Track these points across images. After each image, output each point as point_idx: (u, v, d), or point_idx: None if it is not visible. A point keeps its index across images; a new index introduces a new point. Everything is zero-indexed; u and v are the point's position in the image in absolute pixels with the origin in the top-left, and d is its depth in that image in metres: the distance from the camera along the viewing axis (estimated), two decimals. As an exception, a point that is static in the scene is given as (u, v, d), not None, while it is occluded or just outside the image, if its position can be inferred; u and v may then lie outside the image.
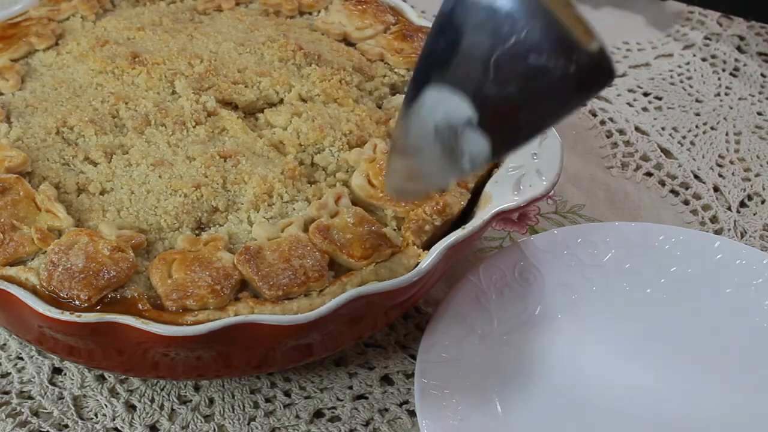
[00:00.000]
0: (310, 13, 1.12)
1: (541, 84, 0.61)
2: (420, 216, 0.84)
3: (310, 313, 0.75)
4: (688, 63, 1.37)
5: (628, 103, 1.28)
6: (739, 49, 1.40)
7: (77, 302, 0.74)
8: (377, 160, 0.88)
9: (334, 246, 0.80)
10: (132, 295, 0.76)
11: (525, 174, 0.87)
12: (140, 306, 0.75)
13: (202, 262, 0.77)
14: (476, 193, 0.88)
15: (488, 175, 0.89)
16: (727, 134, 1.24)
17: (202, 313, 0.75)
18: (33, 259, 0.78)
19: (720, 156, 1.21)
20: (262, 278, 0.77)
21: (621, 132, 1.23)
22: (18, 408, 0.87)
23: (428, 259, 0.80)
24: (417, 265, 0.80)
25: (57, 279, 0.75)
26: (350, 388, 0.90)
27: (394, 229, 0.84)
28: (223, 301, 0.75)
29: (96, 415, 0.87)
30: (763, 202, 1.14)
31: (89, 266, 0.75)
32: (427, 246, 0.83)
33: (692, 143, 1.22)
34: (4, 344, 0.92)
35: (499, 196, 0.86)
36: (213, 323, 0.72)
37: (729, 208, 1.13)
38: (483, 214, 0.84)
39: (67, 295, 0.75)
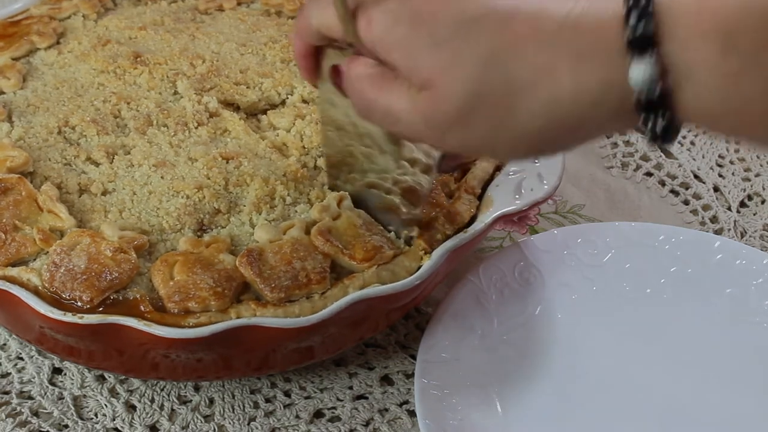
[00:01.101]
0: (312, 13, 1.12)
1: None
2: (432, 225, 0.84)
3: (312, 315, 0.75)
4: (688, 63, 1.36)
5: (629, 103, 1.28)
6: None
7: (79, 303, 0.74)
8: None
9: (335, 248, 0.80)
10: (134, 297, 0.76)
11: (526, 178, 0.88)
12: (142, 308, 0.75)
13: (204, 264, 0.77)
14: (478, 197, 0.89)
15: (490, 178, 0.90)
16: (727, 134, 1.24)
17: (204, 315, 0.74)
18: (35, 259, 0.78)
19: (720, 156, 1.21)
20: (264, 280, 0.77)
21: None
22: (18, 408, 0.87)
23: (430, 262, 0.80)
24: (419, 267, 0.80)
25: (59, 280, 0.75)
26: (350, 388, 0.90)
27: (404, 238, 0.84)
28: (225, 304, 0.75)
29: (96, 415, 0.87)
30: (763, 202, 1.14)
31: (91, 267, 0.75)
32: (428, 246, 0.83)
33: (692, 143, 1.22)
34: (4, 344, 0.92)
35: (500, 200, 0.86)
36: (215, 326, 0.72)
37: (729, 208, 1.13)
38: (485, 217, 0.85)
39: (69, 296, 0.75)
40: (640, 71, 0.55)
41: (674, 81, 0.55)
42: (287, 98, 0.97)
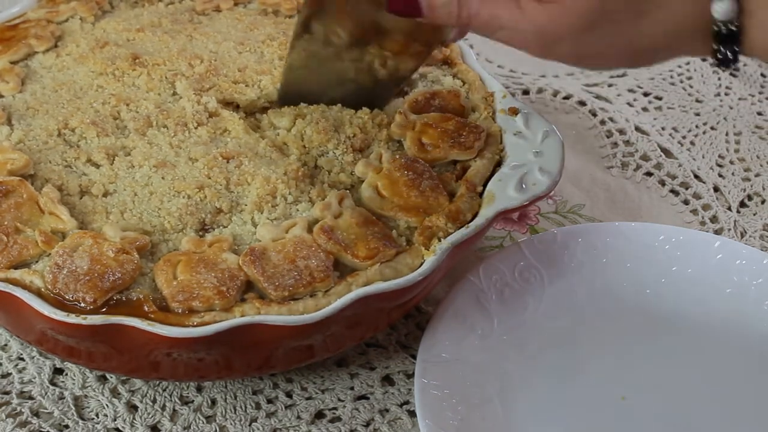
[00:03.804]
0: (309, 13, 1.12)
1: None
2: (434, 224, 0.83)
3: (316, 313, 0.75)
4: (688, 63, 1.37)
5: (628, 103, 1.29)
6: (738, 49, 1.40)
7: (82, 304, 0.74)
8: (384, 171, 0.88)
9: (338, 246, 0.80)
10: (137, 297, 0.76)
11: (527, 172, 0.88)
12: (146, 308, 0.75)
13: (208, 263, 0.78)
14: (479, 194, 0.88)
15: (491, 173, 0.90)
16: (727, 134, 1.24)
17: (208, 314, 0.75)
18: (37, 261, 0.78)
19: (720, 156, 1.21)
20: (268, 279, 0.77)
21: (621, 132, 1.23)
22: (18, 408, 0.87)
23: (433, 258, 0.80)
24: (421, 264, 0.80)
25: (62, 281, 0.75)
26: (351, 388, 0.90)
27: (407, 239, 0.84)
28: (229, 303, 0.75)
29: (97, 415, 0.87)
30: (763, 202, 1.14)
31: (94, 268, 0.76)
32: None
33: (692, 143, 1.23)
34: (6, 345, 0.92)
35: (502, 195, 0.86)
36: (220, 324, 0.73)
37: (729, 208, 1.13)
38: (486, 212, 0.85)
39: (72, 297, 0.75)
40: (721, 7, 0.74)
41: (745, 19, 0.73)
42: (286, 96, 0.97)
